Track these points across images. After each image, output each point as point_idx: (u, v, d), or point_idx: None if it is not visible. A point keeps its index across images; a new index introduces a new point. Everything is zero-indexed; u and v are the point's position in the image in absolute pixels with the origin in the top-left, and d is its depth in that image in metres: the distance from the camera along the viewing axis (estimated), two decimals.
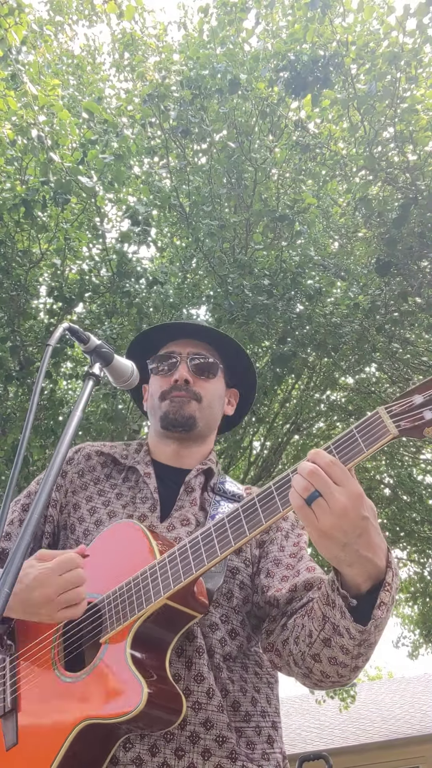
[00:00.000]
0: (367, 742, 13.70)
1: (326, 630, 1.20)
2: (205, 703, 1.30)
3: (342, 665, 1.22)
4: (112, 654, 1.24)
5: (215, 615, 1.40)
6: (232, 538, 1.22)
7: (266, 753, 1.34)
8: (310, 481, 1.08)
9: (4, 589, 1.08)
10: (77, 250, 7.17)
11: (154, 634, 1.28)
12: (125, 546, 1.39)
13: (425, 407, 1.07)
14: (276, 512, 1.17)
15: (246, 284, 6.32)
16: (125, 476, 1.64)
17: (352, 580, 1.14)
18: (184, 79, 6.42)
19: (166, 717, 1.21)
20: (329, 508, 1.07)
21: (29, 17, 6.25)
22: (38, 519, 1.18)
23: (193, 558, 1.25)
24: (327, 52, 6.22)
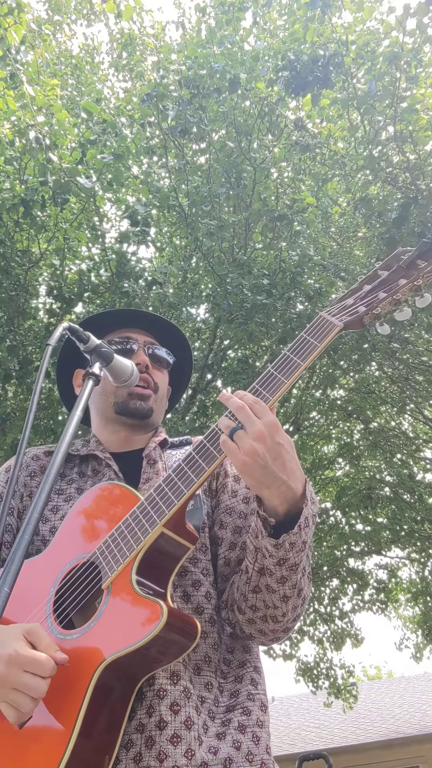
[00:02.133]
0: (367, 741, 13.71)
1: (258, 560, 1.28)
2: (182, 671, 1.32)
3: (273, 590, 1.28)
4: (118, 593, 1.25)
5: (196, 571, 1.44)
6: (206, 463, 1.29)
7: (251, 694, 1.38)
8: (237, 415, 1.22)
9: (4, 588, 1.08)
10: (76, 250, 7.17)
11: (154, 567, 1.30)
12: (106, 504, 1.41)
13: (357, 304, 1.33)
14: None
15: (245, 284, 6.32)
16: (80, 471, 1.63)
17: (269, 503, 1.24)
18: (183, 78, 6.41)
19: (183, 638, 1.22)
20: (247, 434, 1.19)
21: (28, 17, 6.24)
22: (37, 519, 1.18)
23: (182, 480, 1.30)
24: (327, 52, 6.21)
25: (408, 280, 1.30)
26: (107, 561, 1.30)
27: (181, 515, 1.31)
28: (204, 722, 1.28)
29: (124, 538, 1.30)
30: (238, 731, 1.30)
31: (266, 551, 1.25)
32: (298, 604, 1.32)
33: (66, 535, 1.43)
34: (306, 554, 1.28)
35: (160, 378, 1.71)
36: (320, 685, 12.02)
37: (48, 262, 6.96)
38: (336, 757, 10.93)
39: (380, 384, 9.13)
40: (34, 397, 1.33)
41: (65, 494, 1.58)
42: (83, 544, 1.37)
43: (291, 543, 1.23)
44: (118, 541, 1.31)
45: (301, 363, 1.28)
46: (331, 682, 11.91)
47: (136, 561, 1.27)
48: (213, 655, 1.38)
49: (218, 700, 1.34)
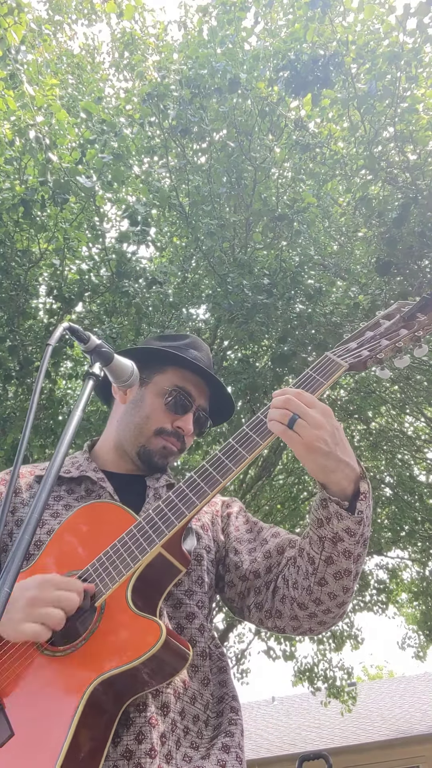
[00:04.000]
0: (367, 741, 13.71)
1: (326, 548, 1.32)
2: (182, 694, 1.34)
3: (346, 574, 1.34)
4: (113, 611, 1.24)
5: (191, 604, 1.44)
6: (219, 476, 1.33)
7: (233, 720, 1.40)
8: (287, 408, 1.27)
9: (4, 588, 1.08)
10: (76, 249, 7.16)
11: (147, 586, 1.29)
12: (99, 522, 1.40)
13: (361, 347, 1.41)
14: (257, 446, 1.34)
15: (246, 284, 6.31)
16: (69, 488, 1.59)
17: (338, 486, 1.31)
18: (184, 78, 6.41)
19: (176, 660, 1.22)
20: (308, 424, 1.25)
21: (28, 16, 6.24)
22: (38, 519, 1.17)
23: (183, 503, 1.33)
24: (327, 52, 6.21)
25: (409, 330, 1.39)
26: (101, 578, 1.29)
27: (177, 538, 1.33)
28: (185, 754, 1.28)
29: (120, 557, 1.30)
30: (222, 751, 1.32)
31: (346, 533, 1.29)
32: (355, 588, 1.40)
33: (55, 549, 1.41)
34: (368, 532, 1.35)
35: (190, 441, 1.71)
36: (319, 686, 12.02)
37: (48, 262, 6.96)
38: (336, 757, 10.93)
39: (381, 384, 9.13)
40: (35, 397, 1.32)
41: (51, 509, 1.54)
42: (74, 560, 1.35)
43: (366, 516, 1.31)
44: (113, 558, 1.30)
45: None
46: (330, 683, 11.91)
47: (132, 580, 1.27)
48: (203, 690, 1.39)
49: (202, 733, 1.35)
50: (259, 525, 1.63)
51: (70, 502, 1.55)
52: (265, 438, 1.34)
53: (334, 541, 1.31)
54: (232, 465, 1.34)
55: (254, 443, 1.34)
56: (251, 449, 1.34)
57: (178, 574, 1.35)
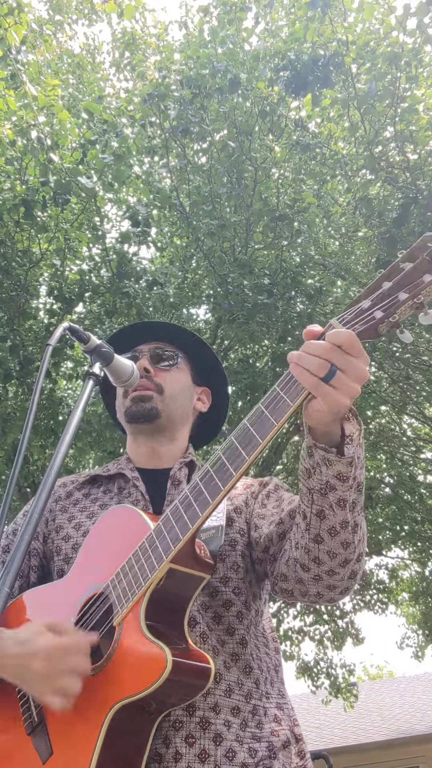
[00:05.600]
0: (368, 741, 13.71)
1: (316, 501, 1.20)
2: (213, 688, 1.29)
3: (343, 527, 1.21)
4: (128, 632, 1.22)
5: (227, 591, 1.40)
6: (221, 480, 1.19)
7: (275, 731, 1.34)
8: (327, 358, 1.07)
9: (4, 588, 1.08)
10: (77, 250, 7.17)
11: (166, 602, 1.25)
12: (119, 530, 1.38)
13: (374, 308, 1.10)
14: (284, 410, 1.12)
15: (246, 284, 6.32)
16: (105, 489, 1.63)
17: (334, 429, 1.16)
18: (184, 78, 6.42)
19: (194, 681, 1.19)
20: (349, 377, 1.08)
21: (29, 16, 6.24)
22: (38, 519, 1.18)
23: (187, 514, 1.22)
24: (327, 52, 6.22)
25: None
26: (118, 596, 1.27)
27: (190, 548, 1.25)
28: (228, 749, 1.25)
29: (134, 573, 1.26)
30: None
31: (337, 479, 1.16)
32: (361, 537, 1.26)
33: (84, 561, 1.41)
34: (362, 472, 1.21)
35: (166, 378, 1.67)
36: (320, 684, 12.03)
37: (49, 263, 6.97)
38: (336, 757, 10.92)
39: (380, 384, 9.13)
40: (35, 398, 1.33)
41: (88, 511, 1.57)
42: (99, 573, 1.34)
43: (357, 456, 1.17)
44: (128, 575, 1.27)
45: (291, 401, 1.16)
46: (331, 681, 11.92)
47: (144, 598, 1.22)
48: (245, 679, 1.34)
49: (246, 723, 1.31)
50: (286, 498, 1.52)
51: (106, 502, 1.57)
52: (296, 398, 1.12)
53: (323, 492, 1.19)
54: (243, 450, 1.16)
55: (282, 407, 1.13)
56: (279, 414, 1.13)
57: (201, 582, 1.29)
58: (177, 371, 1.71)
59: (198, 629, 1.33)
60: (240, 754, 1.25)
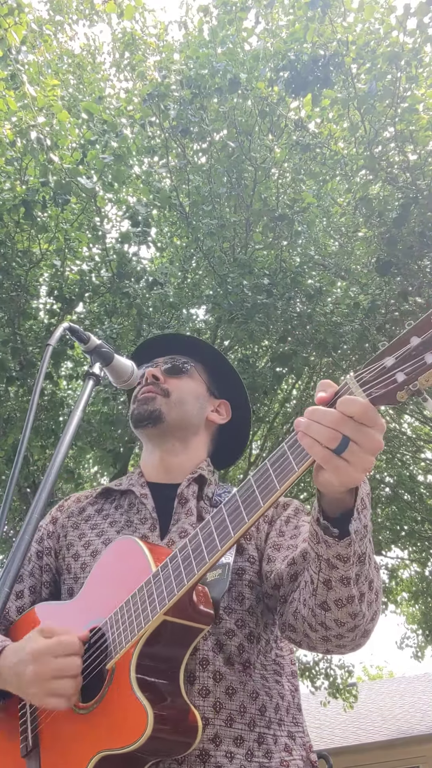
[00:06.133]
0: (368, 741, 13.71)
1: (323, 569, 1.14)
2: (213, 718, 1.25)
3: (349, 601, 1.15)
4: (119, 680, 1.20)
5: (230, 621, 1.36)
6: (220, 540, 1.14)
7: (284, 761, 1.30)
8: (339, 429, 0.97)
9: (4, 588, 1.08)
10: (77, 250, 7.17)
11: (161, 653, 1.22)
12: (124, 563, 1.36)
13: (397, 369, 0.93)
14: (288, 475, 1.05)
15: (246, 284, 6.32)
16: (117, 504, 1.61)
17: (341, 498, 1.09)
18: (184, 78, 6.42)
19: (180, 739, 1.17)
20: (363, 450, 0.98)
21: (29, 17, 6.25)
22: (38, 519, 1.18)
23: (184, 567, 1.18)
24: (327, 52, 6.21)
25: None
26: (113, 638, 1.25)
27: (187, 599, 1.21)
28: None
29: (129, 620, 1.23)
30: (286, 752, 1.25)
31: (338, 560, 1.11)
32: (372, 599, 1.20)
33: (90, 591, 1.40)
34: (368, 540, 1.15)
35: (175, 384, 1.65)
36: (319, 685, 12.02)
37: (49, 263, 6.97)
38: (336, 757, 10.92)
39: None
40: (35, 398, 1.33)
41: (98, 529, 1.56)
42: (101, 607, 1.33)
43: (356, 530, 1.10)
44: (125, 619, 1.24)
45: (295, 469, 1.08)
46: (330, 681, 11.92)
47: (137, 648, 1.19)
48: (249, 705, 1.30)
49: (252, 753, 1.27)
50: (304, 530, 1.43)
51: (116, 519, 1.56)
52: (284, 480, 1.06)
53: (330, 564, 1.12)
54: (245, 513, 1.11)
55: (271, 488, 1.08)
56: (283, 479, 1.07)
57: (198, 633, 1.24)
58: (187, 379, 1.68)
59: (199, 655, 1.30)
60: None
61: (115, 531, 1.52)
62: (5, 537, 8.74)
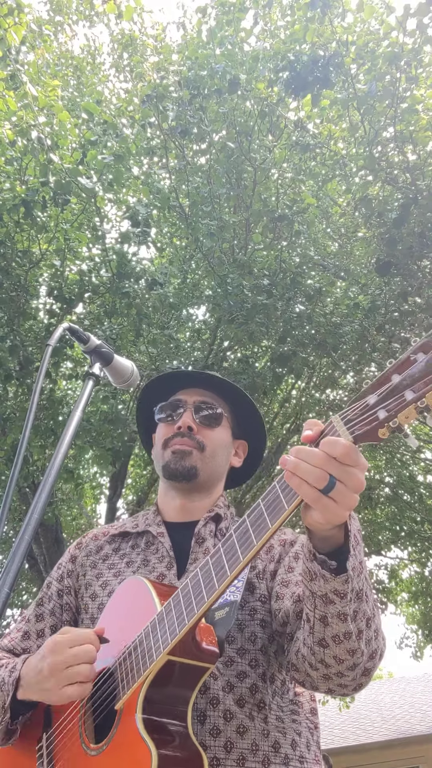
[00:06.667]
0: (367, 741, 13.69)
1: (319, 607, 1.14)
2: (223, 758, 1.26)
3: (346, 637, 1.15)
4: (126, 720, 1.22)
5: (243, 662, 1.36)
6: (218, 579, 1.16)
7: None
8: (326, 469, 1.00)
9: (4, 588, 1.08)
10: (77, 250, 7.17)
11: (167, 693, 1.23)
12: (132, 603, 1.37)
13: (379, 406, 0.96)
14: (279, 513, 1.08)
15: (245, 284, 6.32)
16: (134, 543, 1.62)
17: (332, 536, 1.11)
18: (183, 79, 6.42)
19: None
20: (349, 489, 1.01)
21: (29, 17, 6.25)
22: (38, 519, 1.18)
23: (185, 606, 1.20)
24: (327, 52, 6.22)
25: None
26: (122, 679, 1.27)
27: (191, 639, 1.22)
28: None
29: (135, 660, 1.26)
30: None
31: (335, 595, 1.11)
32: (371, 636, 1.19)
33: (103, 630, 1.42)
34: (365, 576, 1.15)
35: (209, 436, 1.63)
36: None
37: (48, 263, 6.97)
38: (336, 757, 10.93)
39: None
40: (34, 398, 1.33)
41: (116, 569, 1.57)
42: (112, 647, 1.35)
43: (353, 567, 1.10)
44: (131, 660, 1.27)
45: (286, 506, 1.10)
46: None
47: (143, 688, 1.21)
48: (261, 743, 1.30)
49: None
50: None
51: (133, 559, 1.57)
52: (276, 518, 1.08)
53: (325, 600, 1.12)
54: (240, 550, 1.13)
55: (264, 527, 1.10)
56: (274, 517, 1.09)
57: (204, 672, 1.25)
58: (220, 429, 1.67)
59: (209, 694, 1.31)
60: None
61: (131, 571, 1.53)
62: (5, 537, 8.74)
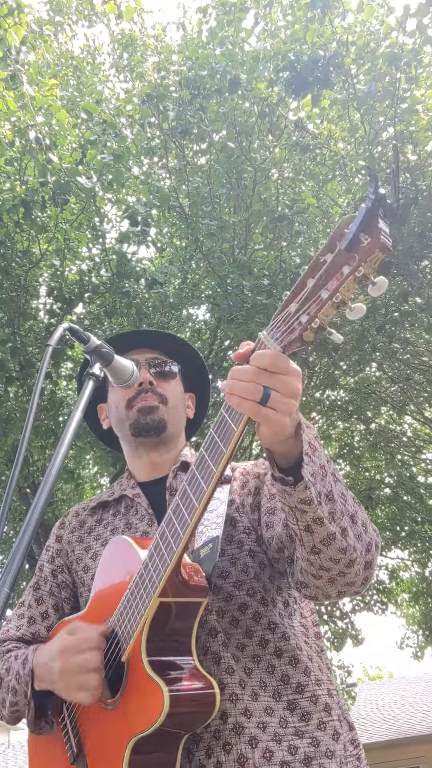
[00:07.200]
0: (368, 742, 13.70)
1: (299, 519, 1.17)
2: (240, 693, 1.29)
3: (331, 539, 1.18)
4: (134, 668, 1.27)
5: (241, 594, 1.40)
6: (188, 513, 1.20)
7: (323, 722, 1.32)
8: (258, 382, 1.04)
9: (4, 588, 1.08)
10: (77, 250, 7.17)
11: (167, 633, 1.28)
12: (119, 561, 1.41)
13: (300, 312, 1.00)
14: (231, 436, 1.11)
15: (245, 284, 6.32)
16: (115, 511, 1.65)
17: (290, 449, 1.14)
18: (183, 79, 6.42)
19: (201, 710, 1.22)
20: (285, 396, 1.04)
21: (29, 17, 6.25)
22: (38, 519, 1.18)
23: (165, 548, 1.24)
24: (327, 53, 6.22)
25: (351, 267, 0.95)
26: (122, 632, 1.31)
27: (177, 578, 1.26)
28: (265, 750, 1.26)
29: (131, 610, 1.30)
30: (303, 764, 1.26)
31: (302, 505, 1.14)
32: (360, 531, 1.24)
33: (96, 594, 1.47)
34: (331, 478, 1.18)
35: (168, 389, 1.68)
36: None
37: (48, 263, 6.97)
38: None
39: (381, 384, 9.13)
40: (35, 398, 1.33)
41: (102, 538, 1.61)
42: (108, 608, 1.39)
43: (312, 473, 1.13)
44: (127, 611, 1.31)
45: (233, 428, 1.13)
46: None
47: (144, 635, 1.26)
48: (268, 678, 1.34)
49: (286, 721, 1.30)
50: None
51: (117, 525, 1.61)
52: (228, 442, 1.12)
53: (298, 511, 1.16)
54: (202, 481, 1.18)
55: (219, 453, 1.14)
56: (217, 461, 1.14)
57: (199, 607, 1.29)
58: (175, 382, 1.73)
59: (219, 638, 1.35)
60: (278, 753, 1.26)
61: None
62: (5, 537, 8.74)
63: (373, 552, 1.27)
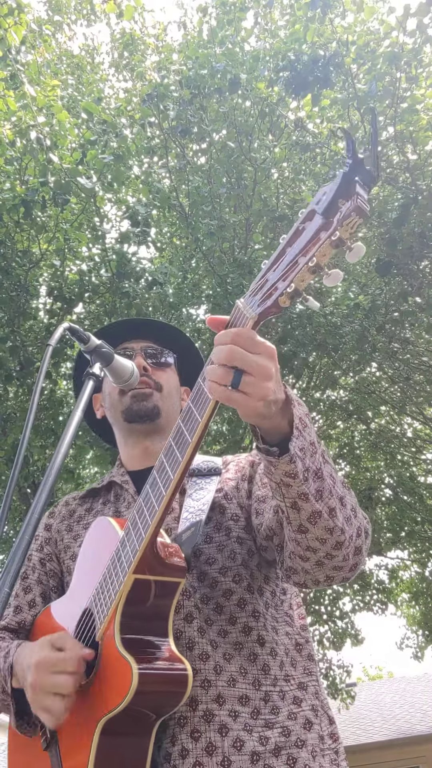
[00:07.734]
0: (367, 742, 13.70)
1: (286, 495, 1.15)
2: (214, 680, 1.27)
3: (317, 516, 1.16)
4: (107, 646, 1.23)
5: (227, 580, 1.39)
6: (163, 485, 1.19)
7: (293, 713, 1.30)
8: (227, 363, 1.01)
9: (4, 588, 1.08)
10: (77, 250, 7.17)
11: (142, 611, 1.25)
12: (99, 542, 1.40)
13: (278, 279, 1.00)
14: (206, 404, 1.09)
15: (246, 284, 6.32)
16: (104, 500, 1.64)
17: (276, 426, 1.11)
18: (184, 78, 6.42)
19: (172, 689, 1.19)
20: (256, 377, 1.01)
21: (28, 17, 6.24)
22: (38, 519, 1.18)
23: (142, 524, 1.22)
24: (327, 52, 6.21)
25: (327, 232, 0.94)
26: (98, 611, 1.29)
27: (154, 555, 1.23)
28: (236, 739, 1.23)
29: (107, 588, 1.27)
30: (272, 755, 1.23)
31: (287, 479, 1.11)
32: (349, 514, 1.21)
33: (78, 575, 1.45)
34: (320, 457, 1.16)
35: (163, 377, 1.68)
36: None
37: (48, 263, 6.97)
38: None
39: (380, 384, 9.13)
40: (35, 398, 1.33)
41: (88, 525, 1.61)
42: (88, 588, 1.37)
43: (301, 448, 1.11)
44: (104, 589, 1.28)
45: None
46: (330, 682, 11.92)
47: (118, 612, 1.22)
48: (249, 666, 1.31)
49: (258, 712, 1.27)
50: None
51: (105, 513, 1.59)
52: (204, 411, 1.10)
53: (284, 484, 1.13)
54: (178, 452, 1.15)
55: (194, 421, 1.12)
56: (192, 430, 1.12)
57: (176, 587, 1.26)
58: (170, 371, 1.72)
59: (195, 624, 1.32)
60: (249, 743, 1.22)
61: None
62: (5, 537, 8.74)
63: (363, 538, 1.25)
